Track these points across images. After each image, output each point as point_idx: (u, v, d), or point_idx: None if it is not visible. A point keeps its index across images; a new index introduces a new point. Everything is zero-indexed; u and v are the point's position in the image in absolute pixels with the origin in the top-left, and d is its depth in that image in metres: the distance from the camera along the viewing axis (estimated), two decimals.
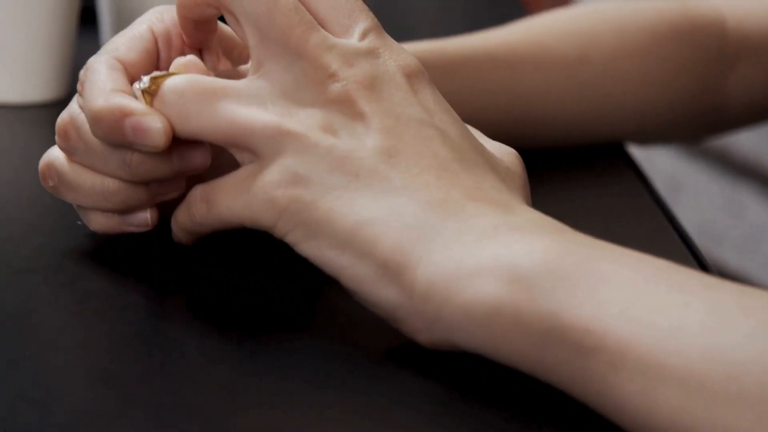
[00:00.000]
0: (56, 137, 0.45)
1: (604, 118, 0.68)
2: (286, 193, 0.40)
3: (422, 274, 0.38)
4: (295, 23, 0.42)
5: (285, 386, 0.38)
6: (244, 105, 0.42)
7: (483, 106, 0.62)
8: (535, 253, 0.37)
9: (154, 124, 0.42)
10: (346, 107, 0.42)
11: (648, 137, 0.71)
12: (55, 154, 0.46)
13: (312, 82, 0.42)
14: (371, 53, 0.43)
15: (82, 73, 0.45)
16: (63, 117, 0.45)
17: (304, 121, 0.41)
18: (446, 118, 0.43)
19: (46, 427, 0.34)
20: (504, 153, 0.45)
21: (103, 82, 0.43)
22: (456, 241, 0.38)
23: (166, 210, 0.48)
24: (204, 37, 0.47)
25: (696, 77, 0.69)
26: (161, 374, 0.38)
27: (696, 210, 2.34)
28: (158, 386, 0.38)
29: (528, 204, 0.44)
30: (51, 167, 0.45)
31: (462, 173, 0.41)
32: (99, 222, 0.46)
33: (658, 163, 2.44)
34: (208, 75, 0.44)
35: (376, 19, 0.44)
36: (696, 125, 0.71)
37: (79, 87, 0.45)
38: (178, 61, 0.44)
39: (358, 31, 0.44)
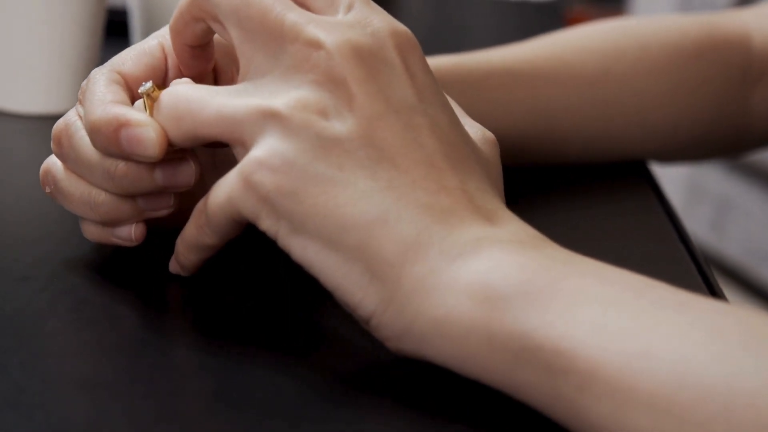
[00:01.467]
0: (51, 143, 0.46)
1: (625, 135, 0.67)
2: (266, 178, 0.39)
3: (403, 286, 0.38)
4: (270, 7, 0.41)
5: (271, 401, 0.38)
6: (233, 98, 0.41)
7: (502, 121, 0.62)
8: (512, 272, 0.37)
9: (147, 134, 0.42)
10: (335, 86, 0.40)
11: (671, 155, 0.70)
12: (53, 160, 0.47)
13: (298, 60, 0.40)
14: (358, 24, 0.41)
15: (84, 83, 0.45)
16: (59, 124, 0.46)
17: (288, 101, 0.40)
18: (435, 101, 0.42)
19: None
20: (482, 140, 0.44)
21: (103, 93, 0.44)
22: (439, 254, 0.38)
23: (162, 224, 0.48)
24: (202, 66, 0.47)
25: (719, 94, 0.68)
26: (146, 383, 0.39)
27: (745, 229, 2.31)
28: (142, 395, 0.38)
29: (502, 196, 0.43)
30: (49, 173, 0.46)
31: (448, 171, 0.40)
32: (90, 231, 0.47)
33: (710, 182, 2.41)
34: None
35: None
36: (720, 143, 0.70)
37: (79, 96, 0.46)
38: (176, 83, 0.44)
39: (342, 5, 0.42)
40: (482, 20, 1.24)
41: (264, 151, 0.39)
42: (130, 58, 0.47)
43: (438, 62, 0.60)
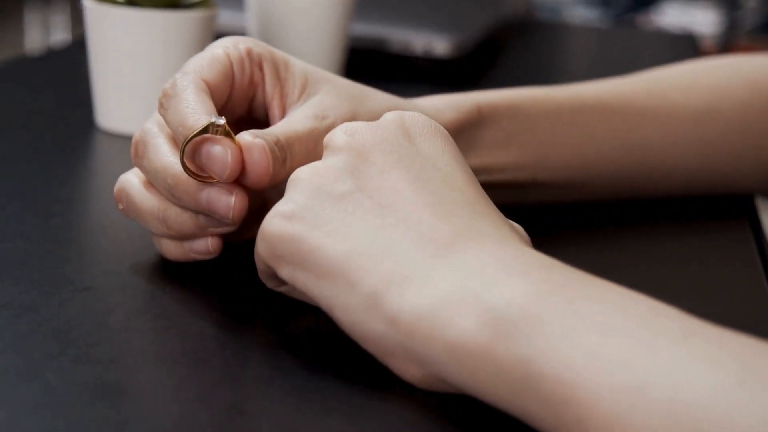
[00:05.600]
0: (131, 153, 0.48)
1: (732, 172, 0.65)
2: (278, 226, 0.42)
3: (407, 308, 0.39)
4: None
5: (291, 418, 0.39)
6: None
7: (595, 155, 0.61)
8: (516, 296, 0.37)
9: (223, 156, 0.45)
10: (349, 154, 0.43)
11: None
12: (127, 177, 0.49)
13: (325, 152, 0.44)
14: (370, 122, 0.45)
15: (168, 87, 0.47)
16: (137, 134, 0.48)
17: (310, 169, 0.43)
18: (453, 163, 0.43)
19: None
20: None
21: (195, 102, 0.46)
22: (442, 277, 0.39)
23: (229, 237, 0.50)
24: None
25: None
26: (173, 392, 0.40)
27: None
28: (165, 403, 0.39)
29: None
30: (122, 191, 0.49)
31: (458, 209, 0.41)
32: (170, 251, 0.49)
33: None
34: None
35: None
36: None
37: (161, 100, 0.47)
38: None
39: None
40: (645, 52, 1.22)
41: (284, 202, 0.43)
42: (207, 65, 0.48)
43: (527, 94, 0.59)
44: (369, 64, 0.95)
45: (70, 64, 0.90)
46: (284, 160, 0.47)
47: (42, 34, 3.65)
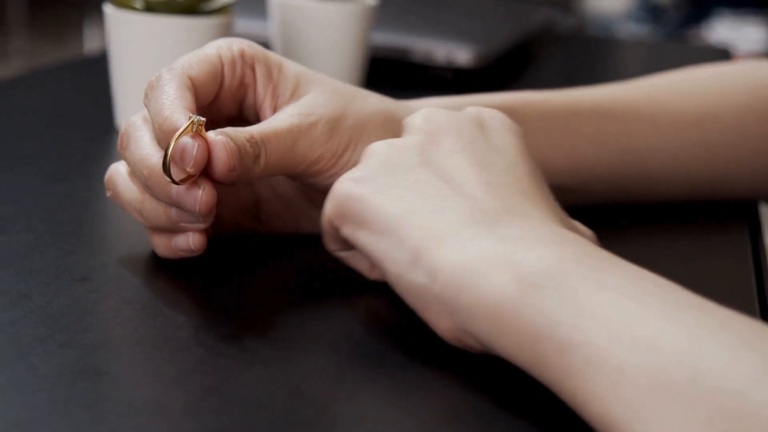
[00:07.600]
0: (118, 144, 0.50)
1: (731, 178, 0.66)
2: (347, 187, 0.46)
3: (447, 262, 0.42)
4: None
5: (262, 400, 0.40)
6: None
7: (591, 159, 0.62)
8: (546, 258, 0.40)
9: (191, 149, 0.46)
10: (425, 134, 0.48)
11: None
12: (117, 166, 0.51)
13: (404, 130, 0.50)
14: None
15: (153, 79, 0.49)
16: (124, 126, 0.50)
17: (385, 142, 0.48)
18: (518, 156, 0.47)
19: (26, 411, 0.38)
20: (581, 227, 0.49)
21: (175, 97, 0.48)
22: (484, 239, 0.42)
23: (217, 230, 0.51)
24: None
25: None
26: (150, 376, 0.41)
27: None
28: (139, 385, 0.41)
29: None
30: (110, 178, 0.51)
31: (511, 194, 0.45)
32: (159, 248, 0.51)
33: None
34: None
35: None
36: None
37: (147, 90, 0.49)
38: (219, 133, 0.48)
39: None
40: (676, 66, 1.23)
41: (357, 169, 0.47)
42: (196, 64, 0.50)
43: (522, 98, 0.60)
44: (391, 73, 0.96)
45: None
46: (257, 156, 0.48)
47: (100, 41, 3.73)
